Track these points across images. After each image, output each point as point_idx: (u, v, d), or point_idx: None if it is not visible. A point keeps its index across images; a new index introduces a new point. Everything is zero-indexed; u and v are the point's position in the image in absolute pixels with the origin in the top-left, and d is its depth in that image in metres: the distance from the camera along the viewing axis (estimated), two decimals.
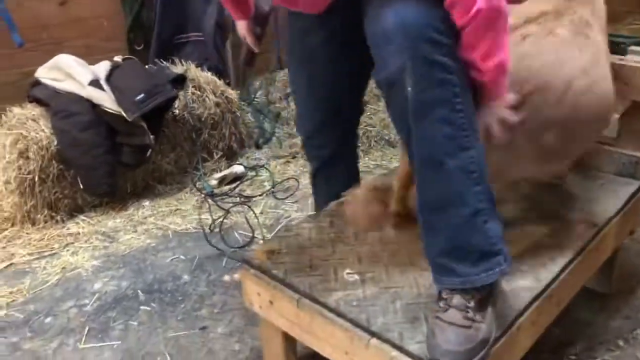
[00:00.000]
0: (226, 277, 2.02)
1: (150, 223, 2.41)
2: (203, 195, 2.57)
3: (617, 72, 1.65)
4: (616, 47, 1.73)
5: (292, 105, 3.21)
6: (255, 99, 3.35)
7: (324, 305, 1.27)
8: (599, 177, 1.74)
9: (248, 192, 2.64)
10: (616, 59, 1.68)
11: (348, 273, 1.38)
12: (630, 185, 1.70)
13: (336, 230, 1.55)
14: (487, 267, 1.14)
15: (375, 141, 3.01)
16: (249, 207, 2.45)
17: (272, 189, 2.63)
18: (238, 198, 2.56)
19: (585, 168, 1.79)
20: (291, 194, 2.59)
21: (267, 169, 2.81)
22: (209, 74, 2.90)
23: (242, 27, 1.55)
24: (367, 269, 1.40)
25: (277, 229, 2.32)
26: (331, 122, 1.61)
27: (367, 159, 2.87)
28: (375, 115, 3.15)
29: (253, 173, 2.79)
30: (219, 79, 2.90)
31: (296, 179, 2.69)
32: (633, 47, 1.71)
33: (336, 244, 1.50)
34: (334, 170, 1.71)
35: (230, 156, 2.90)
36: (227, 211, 2.43)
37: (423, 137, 1.10)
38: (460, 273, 1.13)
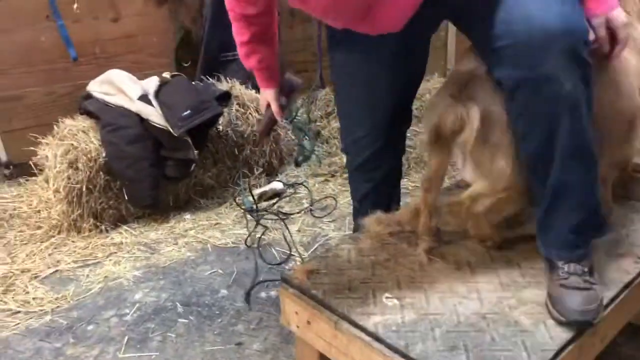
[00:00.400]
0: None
1: (190, 236, 2.46)
2: (242, 211, 2.60)
3: None
4: None
5: (333, 124, 3.24)
6: (297, 117, 3.39)
7: (362, 329, 1.28)
8: None
9: (286, 209, 2.66)
10: None
11: (387, 297, 1.38)
12: None
13: (375, 253, 1.56)
14: (600, 235, 1.35)
15: (415, 163, 3.01)
16: (285, 225, 2.47)
17: (310, 207, 2.65)
18: (277, 215, 2.59)
19: (626, 199, 1.75)
20: (329, 213, 2.60)
21: (305, 186, 2.84)
22: (253, 91, 2.96)
23: (267, 95, 1.61)
24: (407, 294, 1.39)
25: (314, 247, 2.34)
26: (389, 143, 1.63)
27: (405, 180, 2.86)
28: (416, 136, 3.15)
29: (292, 190, 2.82)
30: None
31: (334, 198, 2.70)
32: None
33: (375, 266, 1.51)
34: (383, 192, 1.72)
35: (270, 173, 2.94)
36: (266, 227, 2.46)
37: (574, 130, 1.19)
38: (583, 246, 1.31)
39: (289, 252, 2.29)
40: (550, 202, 1.28)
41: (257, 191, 2.73)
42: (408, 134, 2.83)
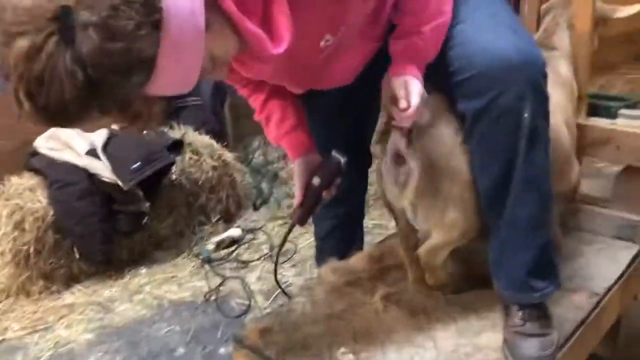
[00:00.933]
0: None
1: (146, 292, 2.38)
2: (200, 261, 2.54)
3: (609, 136, 1.66)
4: (605, 110, 1.74)
5: (290, 164, 3.22)
6: (254, 159, 3.37)
7: None
8: (596, 241, 1.72)
9: (245, 256, 2.61)
10: (607, 123, 1.69)
11: (343, 352, 1.34)
12: (630, 249, 1.67)
13: (331, 305, 1.52)
14: (553, 282, 1.30)
15: (374, 200, 3.00)
16: (240, 278, 2.42)
17: (270, 253, 2.61)
18: (235, 263, 2.54)
19: (580, 231, 1.77)
20: (289, 258, 2.56)
21: (264, 231, 2.79)
22: (207, 137, 2.93)
23: (294, 168, 1.47)
24: (363, 347, 1.35)
25: (274, 295, 2.28)
26: (352, 183, 1.61)
27: (365, 218, 2.84)
28: (373, 173, 3.15)
29: (251, 236, 2.77)
30: (217, 142, 2.93)
31: (294, 242, 2.67)
32: (623, 111, 1.72)
33: (331, 319, 1.46)
34: (346, 230, 1.71)
35: (228, 219, 2.89)
36: (224, 278, 2.40)
37: (532, 161, 1.20)
38: (538, 289, 1.28)
39: (248, 303, 2.23)
40: (505, 239, 1.27)
41: (214, 239, 2.68)
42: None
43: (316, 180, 1.37)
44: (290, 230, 1.46)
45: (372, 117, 1.67)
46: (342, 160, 1.34)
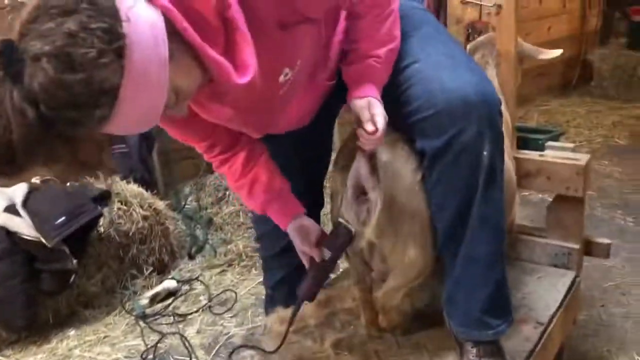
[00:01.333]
0: None
1: (76, 356, 2.20)
2: (134, 318, 2.39)
3: (540, 168, 1.72)
4: (533, 143, 1.81)
5: (225, 209, 3.14)
6: (186, 205, 3.26)
7: None
8: (536, 270, 1.76)
9: (183, 309, 2.48)
10: (537, 155, 1.75)
11: None
12: (566, 276, 1.72)
13: (280, 357, 1.46)
14: (507, 318, 1.30)
15: None
16: (179, 333, 2.30)
17: (209, 304, 2.50)
18: (172, 317, 2.41)
19: (520, 261, 1.81)
20: (229, 308, 2.46)
21: (201, 281, 2.68)
22: (136, 186, 2.81)
23: (295, 238, 1.41)
24: None
25: (215, 349, 2.17)
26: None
27: None
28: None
29: (187, 287, 2.65)
30: (146, 190, 2.81)
31: (233, 291, 2.57)
32: (549, 143, 1.79)
33: None
34: (298, 278, 1.64)
35: (162, 270, 2.75)
36: (162, 335, 2.26)
37: (491, 199, 1.20)
38: (493, 326, 1.27)
39: (189, 359, 2.11)
40: (461, 277, 1.27)
41: (148, 293, 2.53)
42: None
43: (327, 253, 1.33)
44: (298, 308, 1.39)
45: (325, 157, 1.65)
46: (353, 230, 1.29)
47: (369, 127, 1.14)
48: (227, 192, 3.22)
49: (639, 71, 4.68)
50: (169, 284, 2.61)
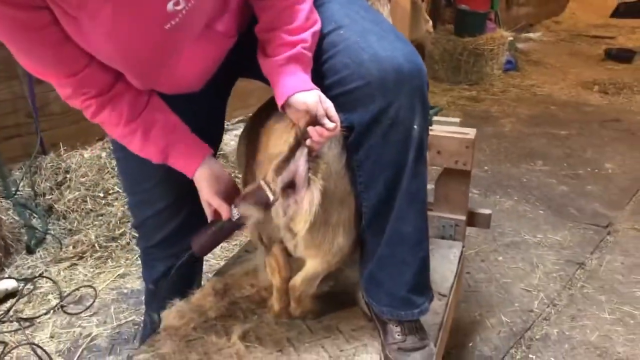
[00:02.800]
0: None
1: None
2: None
3: (431, 142, 1.74)
4: None
5: (67, 194, 2.75)
6: (18, 192, 2.79)
7: None
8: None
9: (28, 312, 2.12)
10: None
11: None
12: (454, 247, 1.78)
13: (183, 356, 1.29)
14: (429, 295, 1.29)
15: None
16: (27, 341, 1.96)
17: (61, 303, 2.16)
18: (16, 323, 2.04)
19: None
20: (87, 306, 2.15)
21: (48, 278, 2.31)
22: None
23: (202, 184, 1.21)
24: None
25: (78, 354, 1.89)
26: (194, 214, 1.37)
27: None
28: None
29: (30, 286, 2.26)
30: None
31: (91, 286, 2.26)
32: (436, 118, 1.83)
33: None
34: (185, 270, 1.45)
35: None
36: (4, 345, 1.90)
37: (418, 173, 1.14)
38: (418, 304, 1.25)
39: None
40: (386, 256, 1.21)
41: None
42: None
43: (236, 214, 1.16)
44: (184, 260, 1.25)
45: (216, 140, 1.46)
46: (271, 198, 1.12)
47: (330, 124, 1.04)
48: (69, 175, 2.82)
49: (465, 56, 5.12)
50: (6, 284, 2.21)
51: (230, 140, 3.31)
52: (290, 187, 1.13)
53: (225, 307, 1.47)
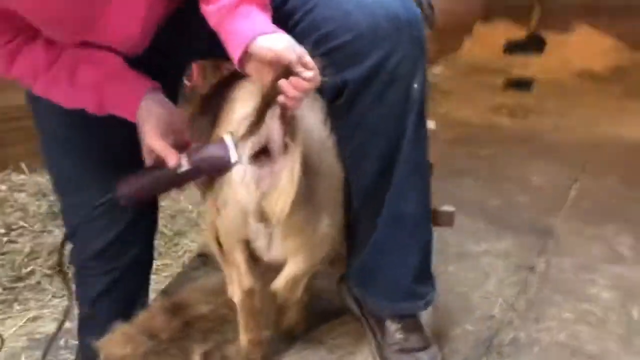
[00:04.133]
0: None
1: None
2: None
3: None
4: None
5: None
6: None
7: None
8: None
9: None
10: None
11: None
12: None
13: None
14: (434, 285, 1.16)
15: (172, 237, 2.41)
16: None
17: None
18: None
19: None
20: None
21: None
22: None
23: (143, 121, 0.98)
24: None
25: None
26: (141, 216, 1.13)
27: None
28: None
29: None
30: None
31: None
32: None
33: None
34: (129, 286, 1.20)
35: None
36: None
37: (419, 140, 1.00)
38: (424, 295, 1.11)
39: None
40: (383, 241, 1.05)
41: None
42: None
43: (185, 163, 0.95)
44: (100, 204, 1.00)
45: None
46: (234, 159, 0.93)
47: (307, 73, 0.85)
48: None
49: None
50: None
51: None
52: (262, 154, 0.95)
53: (179, 327, 1.23)
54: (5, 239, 2.37)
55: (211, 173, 0.96)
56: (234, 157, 0.93)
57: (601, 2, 7.90)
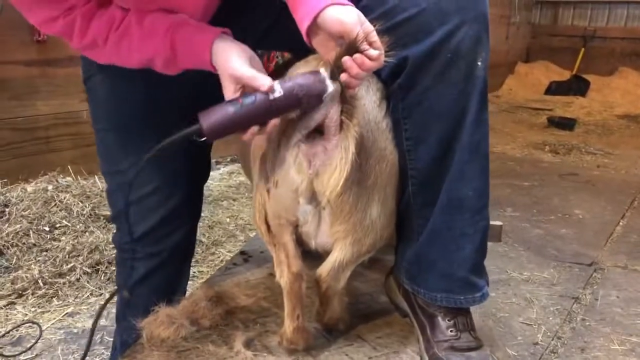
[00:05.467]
0: None
1: None
2: None
3: None
4: None
5: (7, 228, 2.39)
6: None
7: None
8: None
9: None
10: None
11: None
12: None
13: None
14: (487, 277, 1.07)
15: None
16: None
17: None
18: None
19: None
20: (28, 348, 1.79)
21: None
22: None
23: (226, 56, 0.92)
24: None
25: None
26: (186, 201, 1.13)
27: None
28: None
29: None
30: None
31: (37, 323, 1.90)
32: None
33: None
34: (170, 271, 1.19)
35: None
36: None
37: (481, 122, 0.95)
38: (480, 286, 1.04)
39: None
40: (438, 228, 1.00)
41: None
42: None
43: (279, 89, 0.85)
44: (179, 137, 0.89)
45: None
46: (331, 87, 0.86)
47: (373, 51, 0.82)
48: (8, 209, 2.48)
49: None
50: None
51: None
52: (315, 133, 0.94)
53: (221, 316, 1.21)
54: (48, 236, 2.42)
55: (305, 102, 0.87)
56: (331, 88, 0.86)
57: None
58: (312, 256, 1.11)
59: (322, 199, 0.96)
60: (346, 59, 0.85)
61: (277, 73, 1.15)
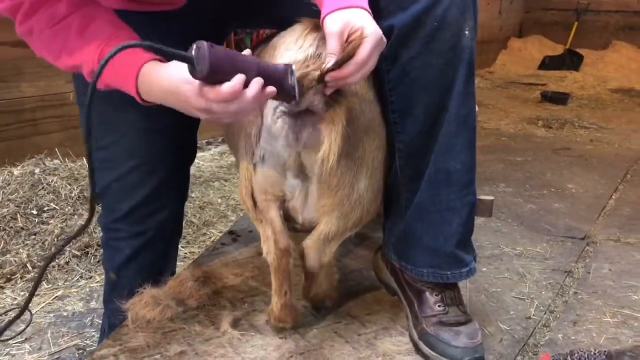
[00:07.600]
0: None
1: None
2: None
3: None
4: None
5: None
6: None
7: None
8: None
9: None
10: None
11: None
12: None
13: (161, 350, 1.00)
14: (474, 252, 1.07)
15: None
16: None
17: None
18: None
19: None
20: (18, 332, 1.78)
21: None
22: None
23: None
24: None
25: None
26: (170, 178, 1.11)
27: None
28: None
29: None
30: None
31: (27, 309, 1.88)
32: None
33: None
34: (156, 252, 1.17)
35: None
36: None
37: (468, 94, 0.93)
38: (467, 261, 1.04)
39: None
40: (425, 203, 0.99)
41: None
42: None
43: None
44: (169, 53, 0.82)
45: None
46: (297, 95, 0.85)
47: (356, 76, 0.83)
48: None
49: None
50: None
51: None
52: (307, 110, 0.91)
53: (208, 295, 1.20)
54: (37, 220, 2.39)
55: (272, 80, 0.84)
56: (296, 95, 0.85)
57: (638, 20, 7.75)
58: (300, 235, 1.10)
59: (310, 173, 0.94)
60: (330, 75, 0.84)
61: (261, 43, 1.13)
